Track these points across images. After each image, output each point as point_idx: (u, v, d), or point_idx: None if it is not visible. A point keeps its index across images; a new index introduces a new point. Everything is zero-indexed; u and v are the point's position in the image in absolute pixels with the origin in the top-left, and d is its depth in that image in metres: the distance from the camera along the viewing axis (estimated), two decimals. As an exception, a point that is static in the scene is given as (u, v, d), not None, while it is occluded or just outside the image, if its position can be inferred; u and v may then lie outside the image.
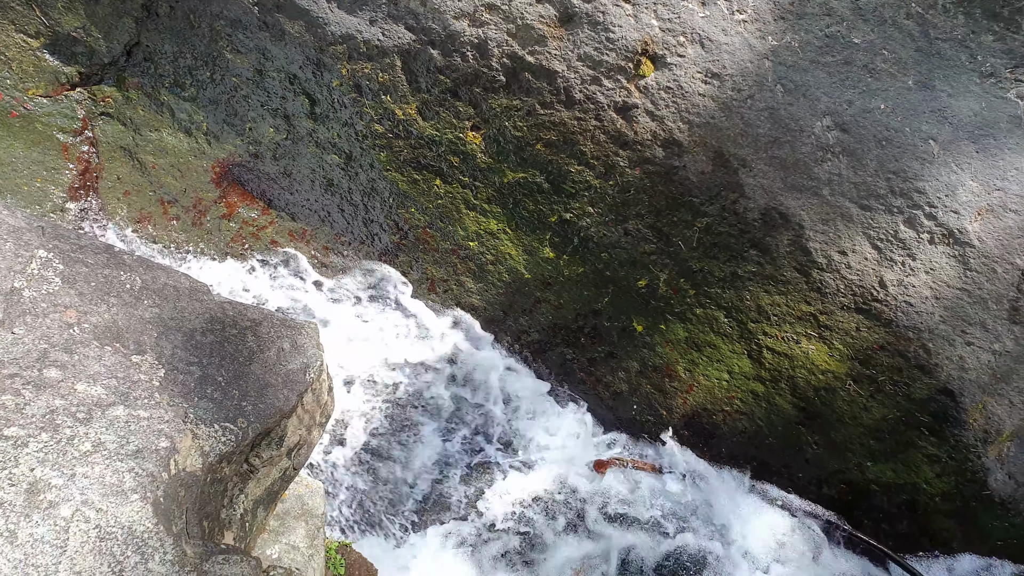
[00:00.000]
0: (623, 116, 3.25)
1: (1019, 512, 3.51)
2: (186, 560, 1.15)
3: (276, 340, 1.60)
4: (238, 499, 1.49)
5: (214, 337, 1.53)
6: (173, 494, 1.22)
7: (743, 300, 3.45)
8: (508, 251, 3.54)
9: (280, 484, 1.65)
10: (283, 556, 1.80)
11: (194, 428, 1.36)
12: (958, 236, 3.20)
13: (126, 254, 1.53)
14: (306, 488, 1.93)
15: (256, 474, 1.54)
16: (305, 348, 1.62)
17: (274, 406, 1.49)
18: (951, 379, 3.30)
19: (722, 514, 3.53)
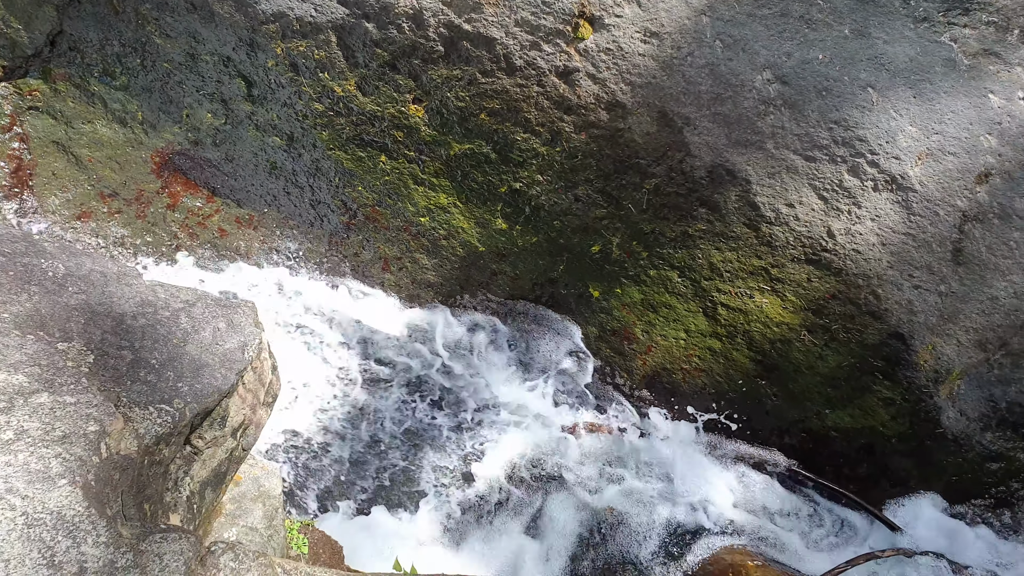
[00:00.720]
0: (565, 81, 3.23)
1: (971, 447, 3.61)
2: (121, 541, 1.13)
3: (211, 320, 1.58)
4: (183, 481, 1.47)
5: (146, 320, 1.50)
6: (106, 477, 1.20)
7: (695, 259, 3.48)
8: (460, 225, 3.52)
9: (228, 465, 1.63)
10: (241, 538, 1.79)
11: (127, 411, 1.33)
12: (901, 182, 3.25)
13: (47, 241, 1.48)
14: (262, 470, 1.91)
15: (201, 455, 1.52)
16: (242, 327, 1.59)
17: (212, 386, 1.46)
18: (901, 323, 3.37)
19: (686, 470, 3.58)
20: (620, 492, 3.50)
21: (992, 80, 3.12)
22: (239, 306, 1.65)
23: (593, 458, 3.56)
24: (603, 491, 3.52)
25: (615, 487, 3.51)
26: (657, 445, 3.71)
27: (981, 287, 3.33)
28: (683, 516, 3.53)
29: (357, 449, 3.14)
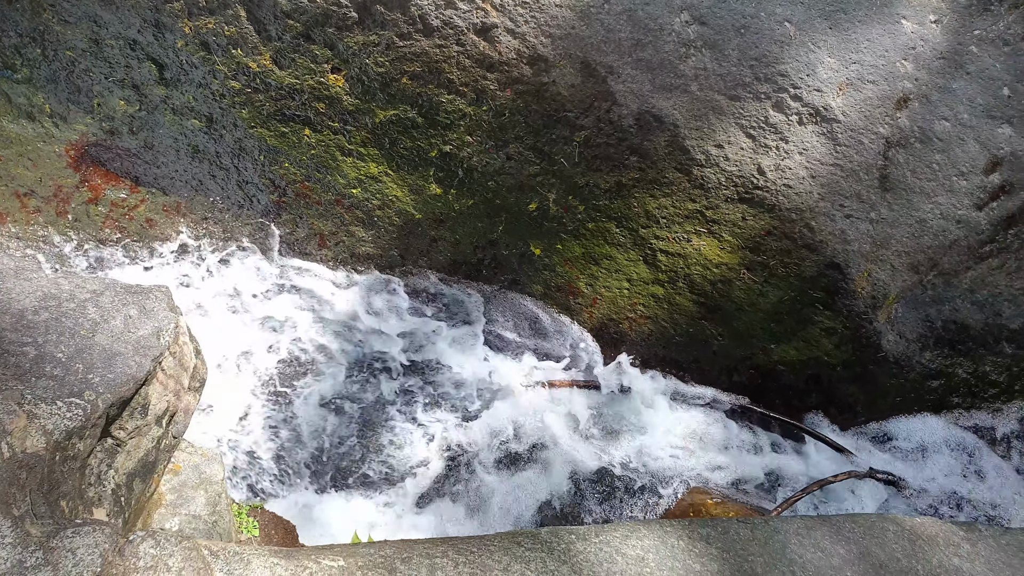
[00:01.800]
0: (484, 38, 3.18)
1: (912, 368, 3.72)
2: (30, 540, 1.11)
3: (121, 308, 1.53)
4: (107, 475, 1.44)
5: (49, 314, 1.44)
6: (11, 478, 1.17)
7: (631, 208, 3.49)
8: (394, 193, 3.47)
9: (157, 454, 1.60)
10: (184, 526, 1.76)
11: (32, 408, 1.29)
12: (824, 113, 3.28)
13: (-66, 242, 1.41)
14: (202, 457, 1.88)
15: (124, 447, 1.48)
16: (155, 312, 1.55)
17: (126, 374, 1.42)
18: (836, 253, 3.43)
19: (639, 418, 3.63)
20: (576, 444, 3.54)
21: (904, 5, 3.15)
22: (151, 291, 1.60)
23: (553, 414, 3.59)
24: (562, 445, 3.55)
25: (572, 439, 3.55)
26: (611, 395, 3.75)
27: (909, 211, 3.40)
28: (638, 462, 3.58)
29: (309, 429, 3.11)
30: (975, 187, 3.38)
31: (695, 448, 3.81)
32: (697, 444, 3.83)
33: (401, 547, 1.37)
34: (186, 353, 1.59)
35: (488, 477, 3.19)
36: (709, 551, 1.60)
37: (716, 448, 3.84)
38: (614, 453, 3.55)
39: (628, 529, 1.58)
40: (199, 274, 3.21)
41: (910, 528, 2.05)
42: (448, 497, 3.05)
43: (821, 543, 1.84)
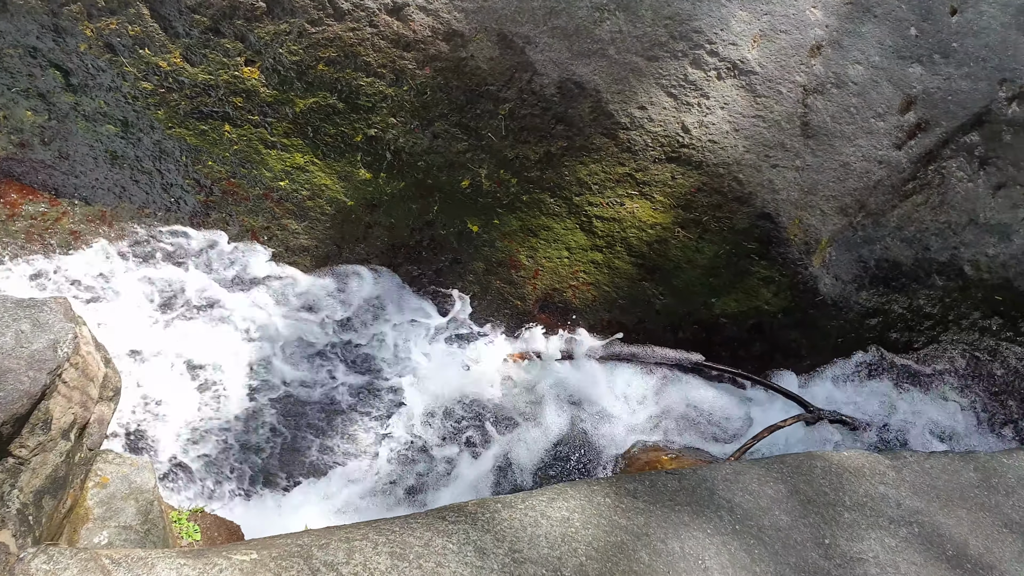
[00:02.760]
0: (397, 17, 3.12)
1: (850, 308, 3.78)
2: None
3: (12, 323, 1.48)
4: (11, 495, 1.39)
5: (-62, 336, 1.39)
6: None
7: (563, 177, 3.48)
8: (323, 182, 3.41)
9: (68, 469, 1.56)
10: (114, 539, 1.73)
11: (-80, 433, 1.24)
12: (741, 66, 3.28)
13: None
14: (131, 466, 1.84)
15: (28, 465, 1.44)
16: (50, 325, 1.50)
17: (18, 391, 1.38)
18: (766, 203, 3.46)
19: (591, 384, 3.65)
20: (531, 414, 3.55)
21: (806, -48, 3.16)
22: (46, 304, 1.55)
23: (507, 389, 3.58)
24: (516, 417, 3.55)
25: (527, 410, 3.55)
26: (562, 364, 3.76)
27: (832, 156, 3.43)
28: (593, 426, 3.60)
29: (254, 426, 3.07)
30: (892, 127, 3.42)
31: (649, 406, 3.84)
32: (650, 402, 3.85)
33: (319, 534, 1.36)
34: (91, 363, 1.55)
35: (444, 457, 3.19)
36: (636, 505, 1.61)
37: (669, 404, 3.87)
38: (569, 419, 3.57)
39: (555, 492, 1.59)
40: (127, 280, 3.14)
41: (837, 462, 2.09)
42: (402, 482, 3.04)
43: (749, 486, 1.87)
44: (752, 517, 1.76)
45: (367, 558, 1.30)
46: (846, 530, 1.88)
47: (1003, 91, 3.46)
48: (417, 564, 1.27)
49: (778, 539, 1.75)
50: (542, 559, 1.39)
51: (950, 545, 1.96)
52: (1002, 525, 2.04)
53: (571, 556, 1.42)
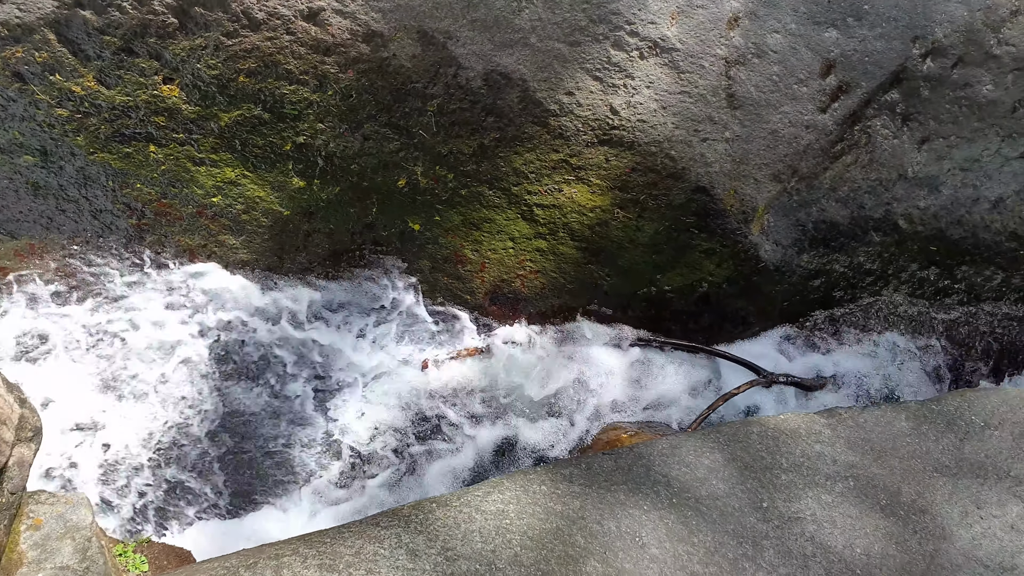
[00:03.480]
0: (314, 23, 3.11)
1: (793, 271, 3.87)
2: None
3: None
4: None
5: None
6: None
7: (499, 168, 3.50)
8: (256, 195, 3.40)
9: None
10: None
11: None
12: (662, 44, 3.33)
13: None
14: (66, 504, 1.84)
15: (-53, 513, 1.43)
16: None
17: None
18: (700, 177, 3.52)
19: (547, 369, 3.69)
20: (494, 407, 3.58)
21: (712, -74, 3.21)
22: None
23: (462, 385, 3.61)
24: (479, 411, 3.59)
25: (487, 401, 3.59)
26: (517, 353, 3.79)
27: (760, 124, 3.51)
28: (553, 410, 3.65)
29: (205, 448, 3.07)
30: (815, 92, 3.50)
31: (609, 386, 3.89)
32: (610, 381, 3.91)
33: (248, 554, 1.37)
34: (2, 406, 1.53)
35: (402, 459, 3.21)
36: (572, 489, 1.66)
37: (629, 382, 3.93)
38: (528, 406, 3.61)
39: (491, 485, 1.62)
40: (61, 311, 3.10)
41: (773, 426, 2.15)
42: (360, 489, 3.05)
43: (686, 459, 1.92)
44: (689, 489, 1.82)
45: (295, 573, 1.33)
46: (784, 491, 1.95)
47: (916, 48, 3.56)
48: (347, 573, 1.29)
49: (716, 508, 1.81)
50: (475, 554, 1.43)
51: (884, 495, 2.03)
52: (933, 470, 2.13)
53: (505, 548, 1.46)
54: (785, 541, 1.80)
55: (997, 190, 3.96)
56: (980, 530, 1.96)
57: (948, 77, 3.69)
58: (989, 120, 3.83)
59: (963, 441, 2.20)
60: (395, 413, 3.43)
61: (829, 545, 1.86)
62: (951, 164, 3.89)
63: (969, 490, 2.08)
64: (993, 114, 3.81)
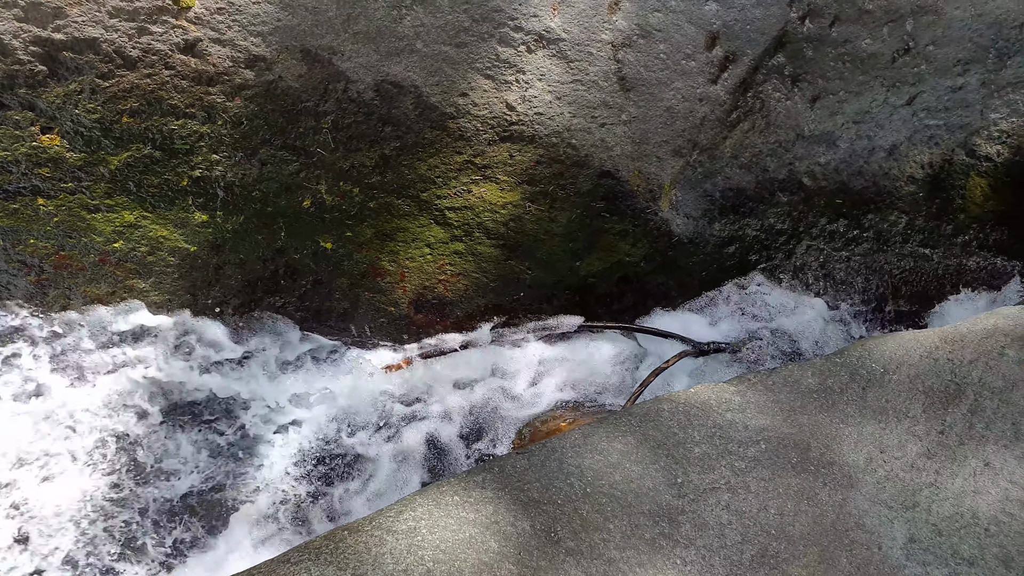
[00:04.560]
0: (192, 54, 3.07)
1: (707, 241, 3.99)
2: None
3: None
4: None
5: None
6: None
7: (404, 176, 3.52)
8: (159, 234, 3.35)
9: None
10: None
11: None
12: (548, 36, 3.38)
13: None
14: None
15: None
16: None
17: None
18: (604, 162, 3.59)
19: (483, 369, 3.73)
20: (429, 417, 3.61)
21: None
22: None
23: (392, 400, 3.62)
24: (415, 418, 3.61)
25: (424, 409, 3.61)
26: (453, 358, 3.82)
27: (654, 103, 3.59)
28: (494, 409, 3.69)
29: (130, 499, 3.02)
30: (704, 64, 3.60)
31: (546, 376, 3.95)
32: (546, 372, 3.97)
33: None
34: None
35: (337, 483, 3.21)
36: (484, 495, 1.70)
37: (566, 369, 3.99)
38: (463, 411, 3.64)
39: (403, 504, 1.65)
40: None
41: (684, 400, 2.22)
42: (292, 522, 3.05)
43: (598, 446, 1.98)
44: (603, 476, 1.88)
45: (207, 621, 1.33)
46: (697, 464, 2.02)
47: (794, 12, 3.68)
48: (253, 616, 1.30)
49: (630, 491, 1.88)
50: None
51: (794, 453, 2.12)
52: (839, 421, 2.23)
53: (417, 566, 1.49)
54: (701, 513, 1.88)
55: (890, 138, 4.13)
56: (884, 473, 2.06)
57: (828, 36, 3.83)
58: (872, 72, 3.99)
59: (865, 389, 2.30)
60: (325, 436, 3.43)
61: (744, 510, 1.94)
62: (844, 118, 4.05)
63: (873, 436, 2.18)
64: (875, 66, 3.97)
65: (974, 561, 1.85)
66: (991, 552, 1.86)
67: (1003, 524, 1.91)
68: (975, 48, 4.06)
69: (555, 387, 3.90)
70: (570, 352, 4.11)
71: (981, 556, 1.86)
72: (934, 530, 1.96)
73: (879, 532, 1.98)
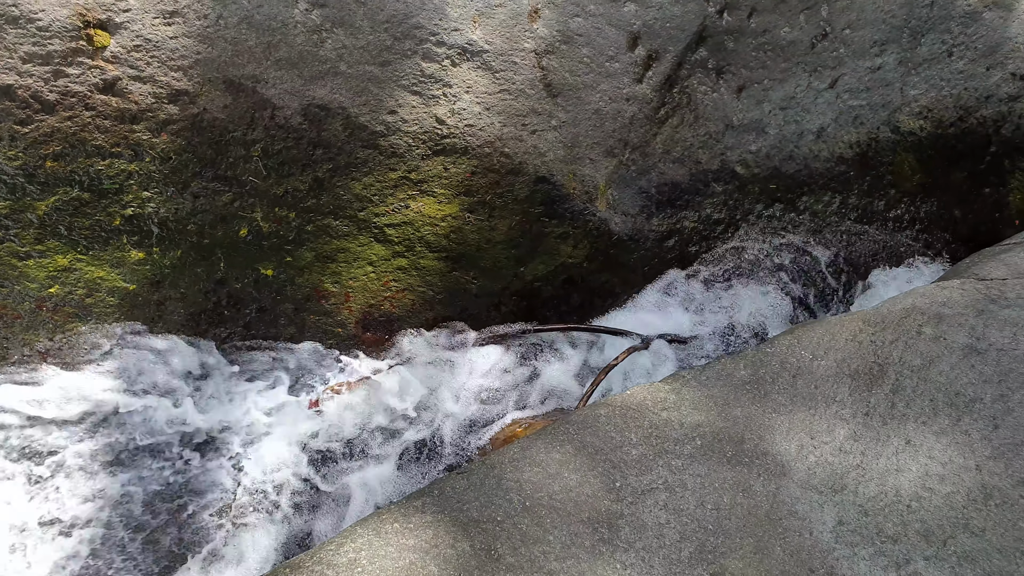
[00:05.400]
0: (112, 94, 3.05)
1: (647, 236, 4.07)
2: None
3: None
4: None
5: None
6: None
7: (340, 198, 3.53)
8: (96, 276, 3.32)
9: None
10: None
11: None
12: (471, 48, 3.42)
13: None
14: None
15: None
16: None
17: None
18: (538, 168, 3.65)
19: (434, 383, 3.76)
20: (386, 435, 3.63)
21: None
22: None
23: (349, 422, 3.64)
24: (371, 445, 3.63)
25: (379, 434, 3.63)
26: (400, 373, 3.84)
27: (583, 107, 3.65)
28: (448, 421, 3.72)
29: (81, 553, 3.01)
30: (628, 65, 3.67)
31: (503, 384, 3.99)
32: (502, 380, 4.01)
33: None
34: None
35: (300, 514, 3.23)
36: (424, 520, 1.74)
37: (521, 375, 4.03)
38: (420, 426, 3.67)
39: (344, 536, 1.68)
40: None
41: (620, 403, 2.29)
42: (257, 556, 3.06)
43: (537, 458, 2.03)
44: (542, 488, 1.93)
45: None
46: (635, 466, 2.08)
47: (712, 6, 3.77)
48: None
49: (569, 500, 1.93)
50: (325, 612, 1.49)
51: (729, 446, 2.20)
52: (771, 411, 2.31)
53: (357, 597, 1.53)
54: (640, 515, 1.94)
55: (817, 121, 4.26)
56: (814, 459, 2.15)
57: (747, 27, 3.93)
58: (794, 59, 4.10)
59: (795, 377, 2.39)
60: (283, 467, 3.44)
61: (682, 508, 2.01)
62: (770, 106, 4.16)
63: (803, 423, 2.27)
64: (796, 53, 4.08)
65: (897, 538, 1.95)
66: (913, 528, 1.96)
67: (923, 499, 2.01)
68: (889, 29, 4.20)
69: (508, 394, 3.95)
70: (520, 357, 4.16)
71: (904, 533, 1.96)
72: (860, 511, 2.05)
73: (810, 518, 2.07)
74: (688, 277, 4.43)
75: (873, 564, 1.89)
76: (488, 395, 4.03)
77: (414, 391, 3.95)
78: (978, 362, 2.28)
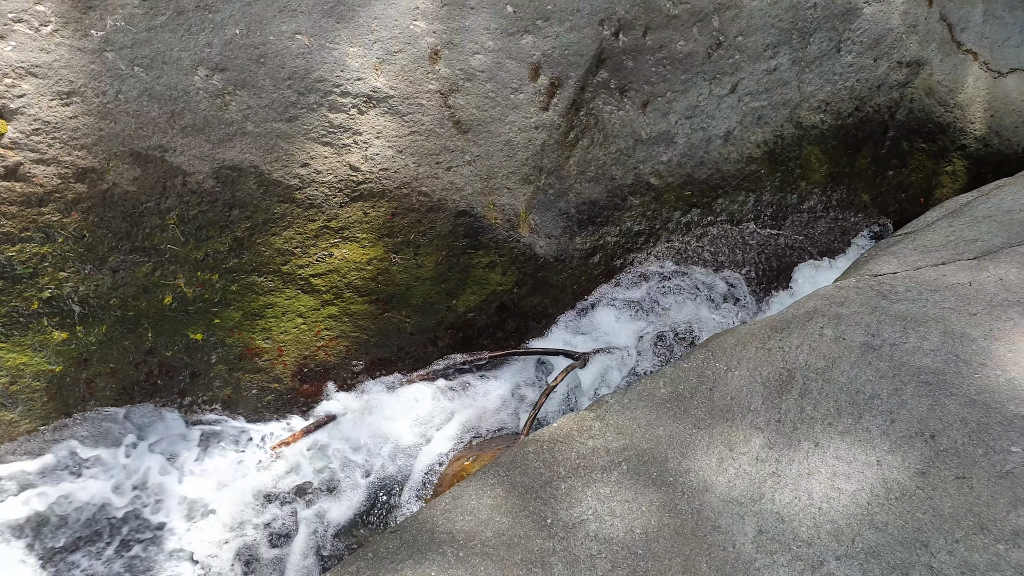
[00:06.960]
0: (15, 179, 3.04)
1: (573, 256, 4.18)
2: None
3: None
4: None
5: None
6: None
7: (262, 254, 3.56)
8: (18, 362, 3.29)
9: None
10: None
11: None
12: (376, 95, 3.49)
13: None
14: None
15: None
16: None
17: None
18: (457, 202, 3.73)
19: (376, 427, 3.81)
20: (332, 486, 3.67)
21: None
22: None
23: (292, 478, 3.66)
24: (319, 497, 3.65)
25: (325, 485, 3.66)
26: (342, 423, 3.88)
27: (493, 140, 3.75)
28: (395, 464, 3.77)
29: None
30: (532, 94, 3.78)
31: (446, 420, 4.05)
32: (445, 415, 4.07)
33: None
34: None
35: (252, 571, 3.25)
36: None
37: (463, 408, 4.10)
38: (367, 473, 3.72)
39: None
40: None
41: (548, 436, 2.38)
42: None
43: (468, 505, 2.11)
44: (475, 536, 2.01)
45: None
46: (564, 500, 2.17)
47: (607, 30, 3.91)
48: None
49: (502, 544, 2.02)
50: None
51: (654, 468, 2.31)
52: (692, 427, 2.42)
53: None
54: (572, 549, 2.03)
55: (723, 125, 4.44)
56: (733, 471, 2.28)
57: (644, 45, 4.09)
58: (693, 70, 4.27)
59: (712, 390, 2.51)
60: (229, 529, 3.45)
61: (611, 536, 2.11)
62: (676, 116, 4.32)
63: (722, 435, 2.39)
64: (694, 64, 4.25)
65: (811, 541, 2.08)
66: (825, 529, 2.10)
67: (832, 500, 2.15)
68: (779, 32, 4.40)
69: (452, 429, 4.03)
70: (461, 389, 4.24)
71: (817, 535, 2.09)
72: (777, 518, 2.18)
73: (732, 530, 2.19)
74: (616, 288, 4.57)
75: (791, 569, 2.02)
76: (429, 433, 4.09)
77: (350, 441, 3.98)
78: (874, 359, 2.44)
